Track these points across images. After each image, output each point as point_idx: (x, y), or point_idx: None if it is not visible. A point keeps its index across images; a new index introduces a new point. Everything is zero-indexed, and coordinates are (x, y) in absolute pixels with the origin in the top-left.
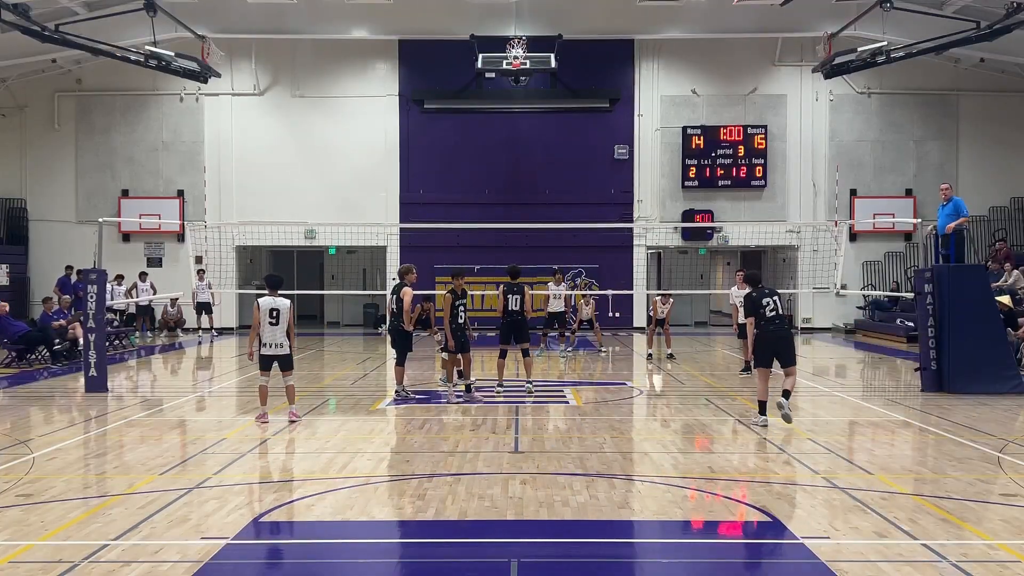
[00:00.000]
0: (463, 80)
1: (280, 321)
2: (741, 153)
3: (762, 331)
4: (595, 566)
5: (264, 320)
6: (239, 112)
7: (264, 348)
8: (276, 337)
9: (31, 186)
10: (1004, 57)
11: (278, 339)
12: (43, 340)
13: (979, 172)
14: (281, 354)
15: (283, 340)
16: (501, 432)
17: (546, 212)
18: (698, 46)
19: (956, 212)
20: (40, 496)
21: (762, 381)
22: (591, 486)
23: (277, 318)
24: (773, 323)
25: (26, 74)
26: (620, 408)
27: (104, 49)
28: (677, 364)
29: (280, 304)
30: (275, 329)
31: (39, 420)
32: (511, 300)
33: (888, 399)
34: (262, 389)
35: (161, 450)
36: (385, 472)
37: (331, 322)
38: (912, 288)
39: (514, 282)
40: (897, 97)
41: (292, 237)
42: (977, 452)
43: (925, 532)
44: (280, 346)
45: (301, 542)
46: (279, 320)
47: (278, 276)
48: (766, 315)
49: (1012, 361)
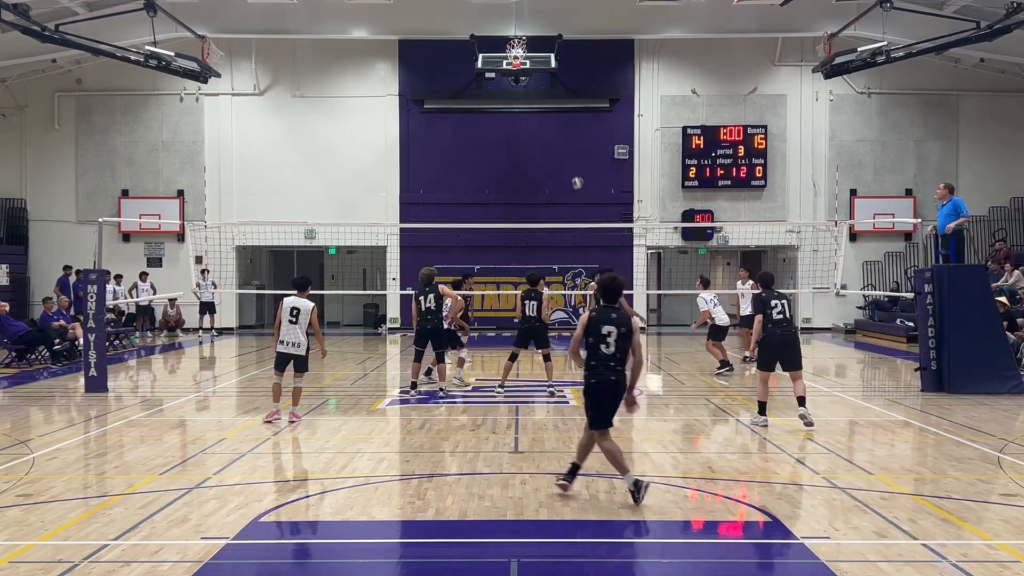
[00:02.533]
0: (463, 80)
1: (300, 320)
2: (741, 153)
3: (768, 333)
4: (595, 566)
5: (285, 318)
6: (239, 112)
7: (280, 346)
8: (293, 336)
9: (31, 186)
10: (1004, 57)
11: (295, 338)
12: (43, 340)
13: (979, 172)
14: (297, 354)
15: (301, 340)
16: (501, 432)
17: (546, 212)
18: (698, 46)
19: (955, 212)
20: (40, 496)
21: (763, 383)
22: (591, 486)
23: (296, 317)
24: (780, 326)
25: (26, 74)
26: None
27: (104, 49)
28: (677, 364)
29: (302, 304)
30: (294, 328)
31: (39, 420)
32: (528, 306)
33: (888, 399)
34: (275, 387)
35: (161, 450)
36: (385, 472)
37: (331, 322)
38: (912, 288)
39: (532, 288)
40: (897, 97)
41: (292, 237)
42: (977, 452)
43: (925, 532)
44: (296, 346)
45: (301, 542)
46: (298, 319)
47: (305, 278)
48: (773, 317)
49: (1012, 361)
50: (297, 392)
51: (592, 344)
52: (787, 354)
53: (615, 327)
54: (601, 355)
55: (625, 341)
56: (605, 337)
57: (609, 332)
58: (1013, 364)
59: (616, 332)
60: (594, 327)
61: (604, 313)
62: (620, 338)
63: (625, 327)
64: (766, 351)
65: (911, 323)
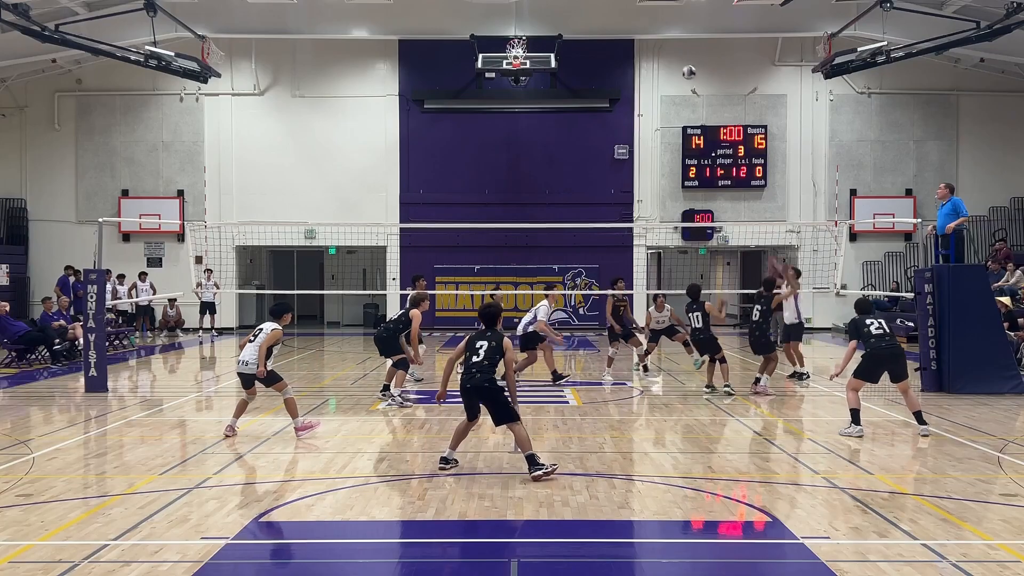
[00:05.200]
0: (463, 80)
1: (257, 340)
2: (741, 153)
3: (874, 348)
4: (595, 566)
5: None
6: (239, 112)
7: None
8: (246, 354)
9: (31, 186)
10: (1004, 57)
11: (247, 356)
12: (43, 340)
13: (979, 172)
14: (245, 372)
15: (251, 358)
16: (501, 432)
17: (546, 212)
18: (698, 46)
19: (955, 212)
20: (40, 496)
21: (855, 391)
22: (591, 486)
23: (255, 337)
24: (884, 340)
25: (26, 74)
26: (620, 408)
27: (104, 49)
28: (677, 364)
29: (266, 326)
30: (249, 346)
31: (39, 420)
32: (692, 318)
33: (888, 399)
34: (239, 403)
35: (161, 450)
36: (385, 472)
37: (331, 322)
38: (912, 288)
39: (693, 300)
40: (897, 97)
41: (292, 237)
42: (977, 452)
43: (925, 532)
44: (246, 364)
45: (301, 542)
46: (256, 339)
47: (280, 305)
48: (873, 333)
49: (1012, 361)
50: (288, 405)
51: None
52: (896, 367)
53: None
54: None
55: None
56: (870, 327)
57: (871, 323)
58: (1013, 364)
59: (878, 323)
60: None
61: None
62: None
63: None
64: (872, 364)
65: (911, 323)
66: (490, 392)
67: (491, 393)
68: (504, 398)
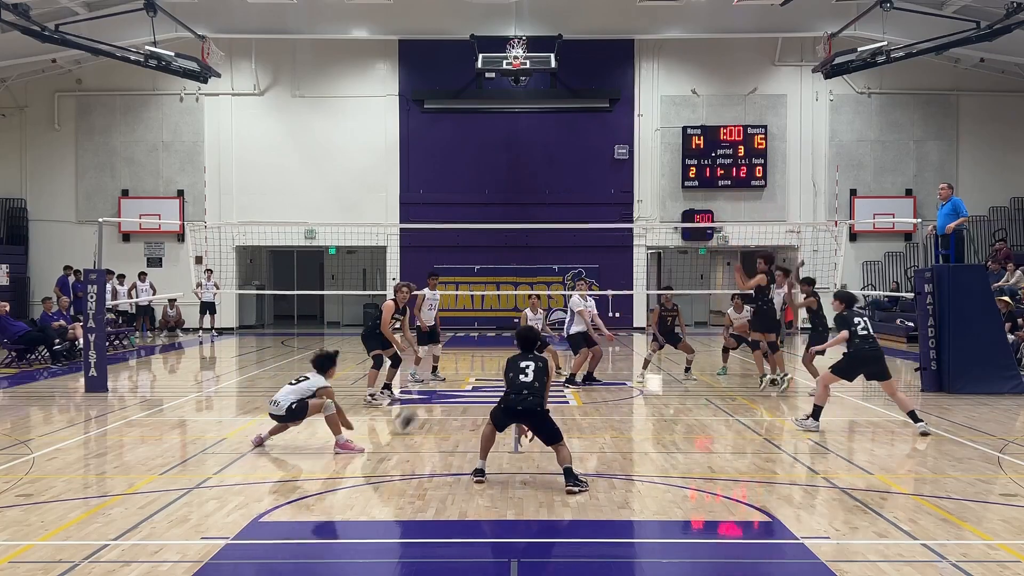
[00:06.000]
0: (463, 80)
1: (299, 386)
2: (741, 153)
3: (857, 349)
4: (595, 566)
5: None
6: (239, 112)
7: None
8: (280, 395)
9: (31, 186)
10: (1004, 57)
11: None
12: (43, 340)
13: (979, 172)
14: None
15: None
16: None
17: (546, 212)
18: (698, 46)
19: (955, 212)
20: (40, 496)
21: (827, 386)
22: (591, 486)
23: (297, 382)
24: (867, 341)
25: (26, 74)
26: (620, 408)
27: (104, 49)
28: (677, 364)
29: (315, 378)
30: (289, 387)
31: (39, 420)
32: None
33: (888, 399)
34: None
35: (161, 450)
36: (385, 472)
37: (331, 322)
38: (912, 288)
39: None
40: (897, 97)
41: (292, 237)
42: (977, 452)
43: (925, 532)
44: (276, 404)
45: (301, 542)
46: (298, 383)
47: (326, 357)
48: (858, 333)
49: (1012, 361)
50: (330, 421)
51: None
52: (876, 368)
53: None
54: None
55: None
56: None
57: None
58: (1013, 364)
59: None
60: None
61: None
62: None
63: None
64: (853, 364)
65: (911, 323)
66: (541, 417)
67: (542, 418)
68: (552, 421)
